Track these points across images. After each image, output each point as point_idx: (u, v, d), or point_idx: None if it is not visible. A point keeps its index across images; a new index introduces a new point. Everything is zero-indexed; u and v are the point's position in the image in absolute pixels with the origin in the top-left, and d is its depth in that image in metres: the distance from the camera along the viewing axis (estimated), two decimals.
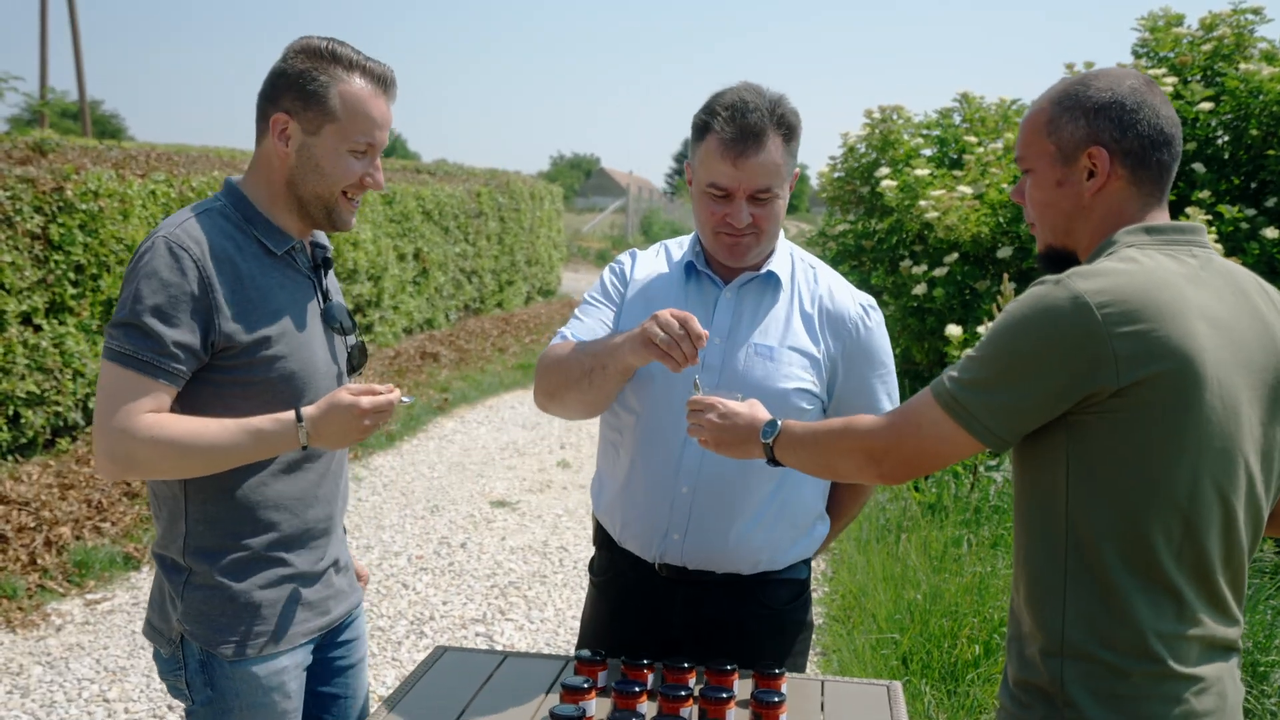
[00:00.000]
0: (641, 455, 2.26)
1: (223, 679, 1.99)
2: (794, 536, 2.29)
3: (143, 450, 1.84)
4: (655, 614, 2.31)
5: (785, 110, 2.14)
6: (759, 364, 2.20)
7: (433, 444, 8.69)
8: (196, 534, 1.98)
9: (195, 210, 1.97)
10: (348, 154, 1.97)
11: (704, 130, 2.15)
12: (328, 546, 2.15)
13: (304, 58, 1.96)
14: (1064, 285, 1.51)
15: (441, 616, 5.12)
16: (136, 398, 1.84)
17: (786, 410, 2.17)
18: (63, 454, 6.82)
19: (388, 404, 1.89)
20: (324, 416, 1.89)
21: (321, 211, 2.02)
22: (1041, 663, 1.60)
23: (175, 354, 1.86)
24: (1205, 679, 1.56)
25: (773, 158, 2.12)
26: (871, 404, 2.27)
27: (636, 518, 2.28)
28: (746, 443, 1.93)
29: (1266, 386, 1.58)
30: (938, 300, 7.02)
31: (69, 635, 4.70)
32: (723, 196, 2.15)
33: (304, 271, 2.08)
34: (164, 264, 1.87)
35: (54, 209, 6.72)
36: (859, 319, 2.28)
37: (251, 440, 1.88)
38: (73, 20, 24.72)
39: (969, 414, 1.57)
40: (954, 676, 4.07)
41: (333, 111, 1.95)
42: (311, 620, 2.11)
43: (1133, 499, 1.52)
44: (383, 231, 11.96)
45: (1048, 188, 1.68)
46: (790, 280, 2.29)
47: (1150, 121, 1.62)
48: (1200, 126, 6.71)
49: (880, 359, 2.30)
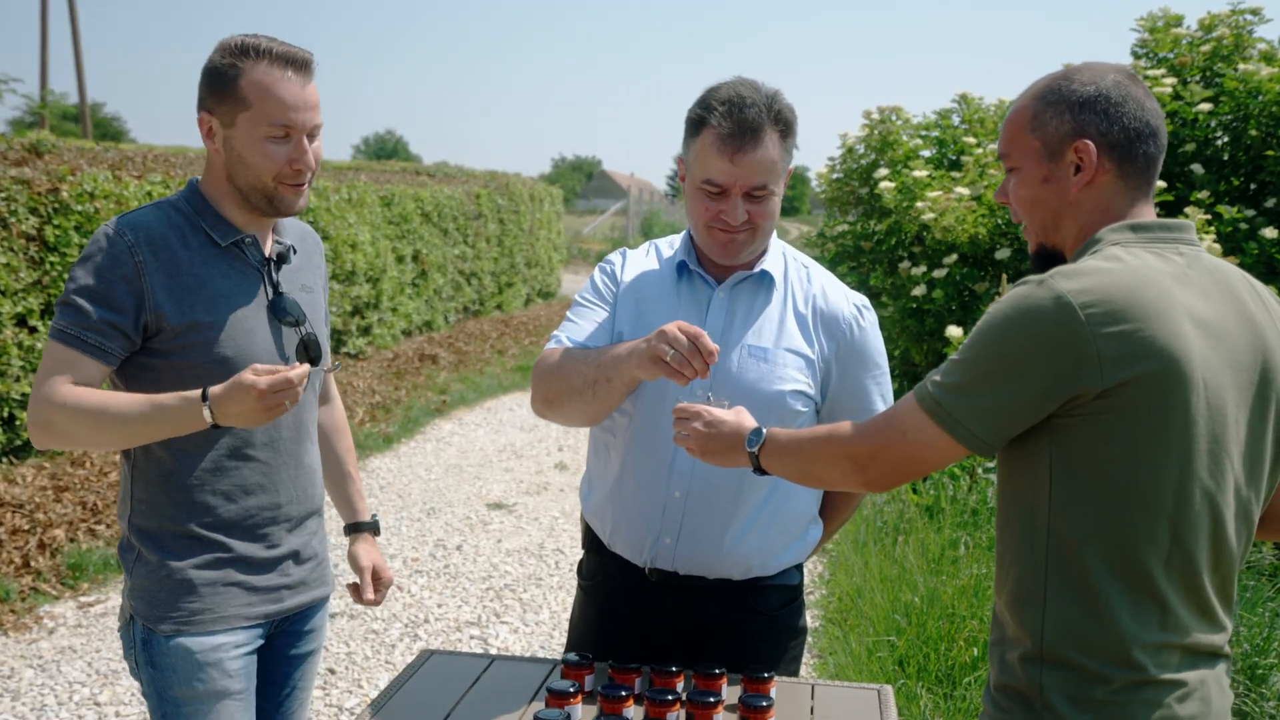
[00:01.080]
0: (633, 458, 2.23)
1: (160, 655, 2.06)
2: (786, 541, 2.26)
3: (59, 417, 1.93)
4: (644, 619, 2.28)
5: (782, 106, 2.10)
6: (753, 366, 2.17)
7: (430, 446, 8.67)
8: (140, 513, 2.08)
9: (152, 203, 2.09)
10: (266, 141, 1.99)
11: (700, 125, 2.10)
12: (280, 535, 2.17)
13: (218, 54, 2.01)
14: (1046, 285, 1.49)
15: (436, 619, 5.10)
16: (63, 370, 1.95)
17: (781, 413, 2.15)
18: (57, 456, 6.80)
19: (285, 381, 1.86)
20: (226, 395, 1.89)
21: (263, 200, 2.05)
22: (1021, 667, 1.58)
23: (102, 330, 1.96)
24: (1188, 684, 1.53)
25: (770, 154, 2.08)
26: (865, 405, 2.23)
27: (627, 521, 2.25)
28: (732, 451, 1.90)
29: (1253, 386, 1.55)
30: (937, 301, 7.00)
31: (61, 638, 4.68)
32: (718, 193, 2.11)
33: (252, 264, 2.12)
34: (100, 248, 1.98)
35: (49, 210, 6.70)
36: (853, 319, 2.25)
37: (155, 413, 1.93)
38: (73, 22, 24.75)
39: (953, 419, 1.54)
40: (951, 680, 4.04)
41: (243, 100, 1.98)
42: (258, 605, 2.14)
43: (1118, 503, 1.49)
44: (381, 233, 11.94)
45: (1034, 185, 1.65)
46: (784, 279, 2.25)
47: (1135, 114, 1.60)
48: (1199, 127, 6.68)
49: (874, 359, 2.27)
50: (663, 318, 2.17)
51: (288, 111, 1.99)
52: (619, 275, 2.31)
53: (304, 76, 2.02)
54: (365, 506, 2.48)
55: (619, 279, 2.31)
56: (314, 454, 2.26)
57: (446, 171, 17.35)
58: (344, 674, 4.48)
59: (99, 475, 6.47)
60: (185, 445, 2.04)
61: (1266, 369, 1.57)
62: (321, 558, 2.30)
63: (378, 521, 2.48)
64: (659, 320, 2.19)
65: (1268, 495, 1.63)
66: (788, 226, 31.80)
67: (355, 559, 2.44)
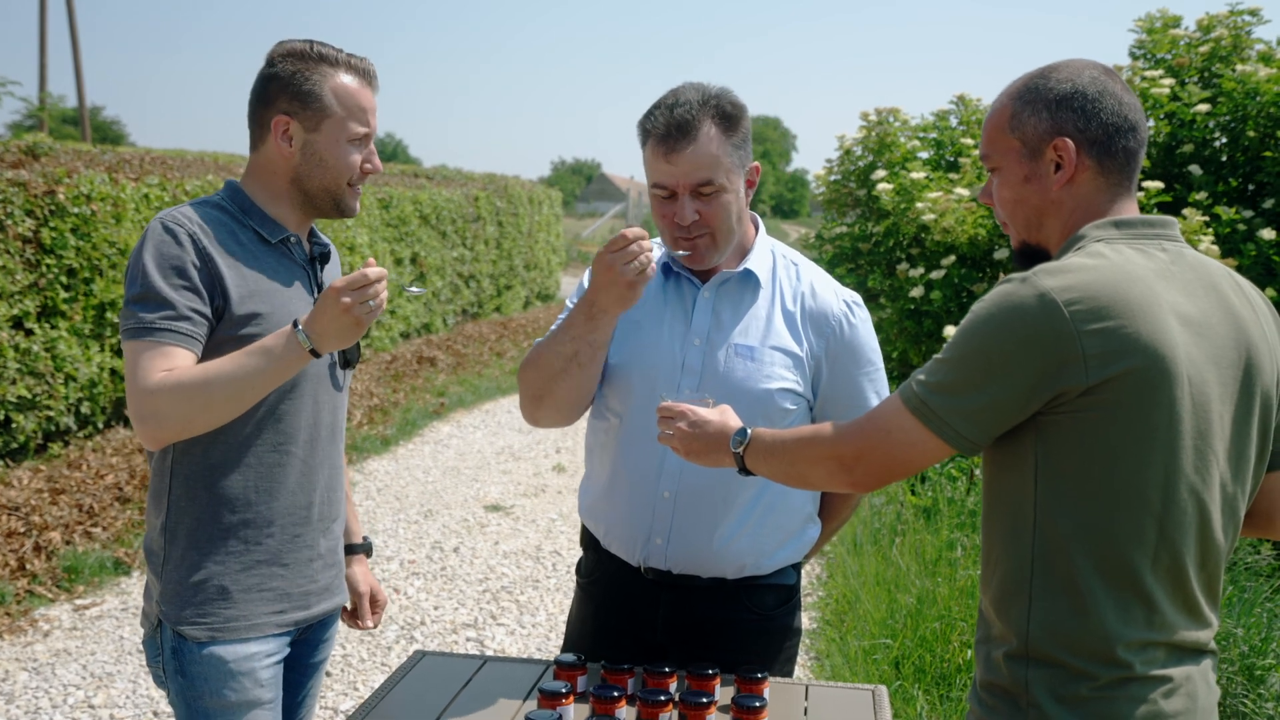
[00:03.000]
0: (623, 459, 2.24)
1: (192, 664, 2.02)
2: (781, 540, 2.25)
3: (164, 402, 1.89)
4: (639, 617, 2.28)
5: (722, 100, 2.09)
6: (740, 365, 2.16)
7: (428, 448, 8.65)
8: (176, 511, 2.04)
9: (191, 203, 2.08)
10: (348, 144, 2.07)
11: (644, 134, 2.14)
12: (313, 537, 2.16)
13: (292, 61, 2.05)
14: (1030, 283, 1.48)
15: (432, 621, 5.08)
16: (152, 360, 1.90)
17: (770, 411, 2.14)
18: (54, 459, 6.80)
19: (362, 278, 1.87)
20: (315, 315, 1.90)
21: (329, 202, 2.11)
22: (1007, 665, 1.57)
23: (188, 315, 1.94)
24: (1174, 680, 1.52)
25: (707, 148, 2.06)
26: (859, 403, 2.21)
27: (620, 521, 2.26)
28: (716, 451, 1.89)
29: (1237, 382, 1.55)
30: (935, 303, 6.98)
31: (56, 641, 4.67)
32: (668, 195, 2.11)
33: (299, 262, 2.14)
34: (163, 240, 1.96)
35: (46, 212, 6.70)
36: (843, 316, 2.23)
37: (261, 358, 1.91)
38: (71, 25, 24.76)
39: (939, 418, 1.53)
40: (946, 681, 4.03)
41: (329, 107, 2.04)
42: (289, 613, 2.12)
43: (1104, 501, 1.48)
44: (380, 236, 11.94)
45: (1015, 184, 1.65)
46: (771, 278, 2.25)
47: (1113, 109, 1.59)
48: (1197, 128, 6.67)
49: (867, 356, 2.25)
50: (649, 319, 2.20)
51: (368, 117, 2.09)
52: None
53: (374, 85, 2.12)
54: (360, 527, 2.47)
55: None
56: (341, 458, 2.26)
57: (445, 174, 17.35)
58: (340, 676, 4.47)
59: (95, 478, 6.46)
60: (228, 439, 2.02)
61: (1250, 364, 1.56)
62: (341, 565, 2.29)
63: (371, 544, 2.48)
64: (646, 323, 2.22)
65: (1252, 491, 1.62)
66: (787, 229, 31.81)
67: (353, 582, 2.41)
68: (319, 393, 2.13)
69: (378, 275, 1.88)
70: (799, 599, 2.36)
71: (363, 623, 2.44)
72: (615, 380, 2.23)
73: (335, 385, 2.18)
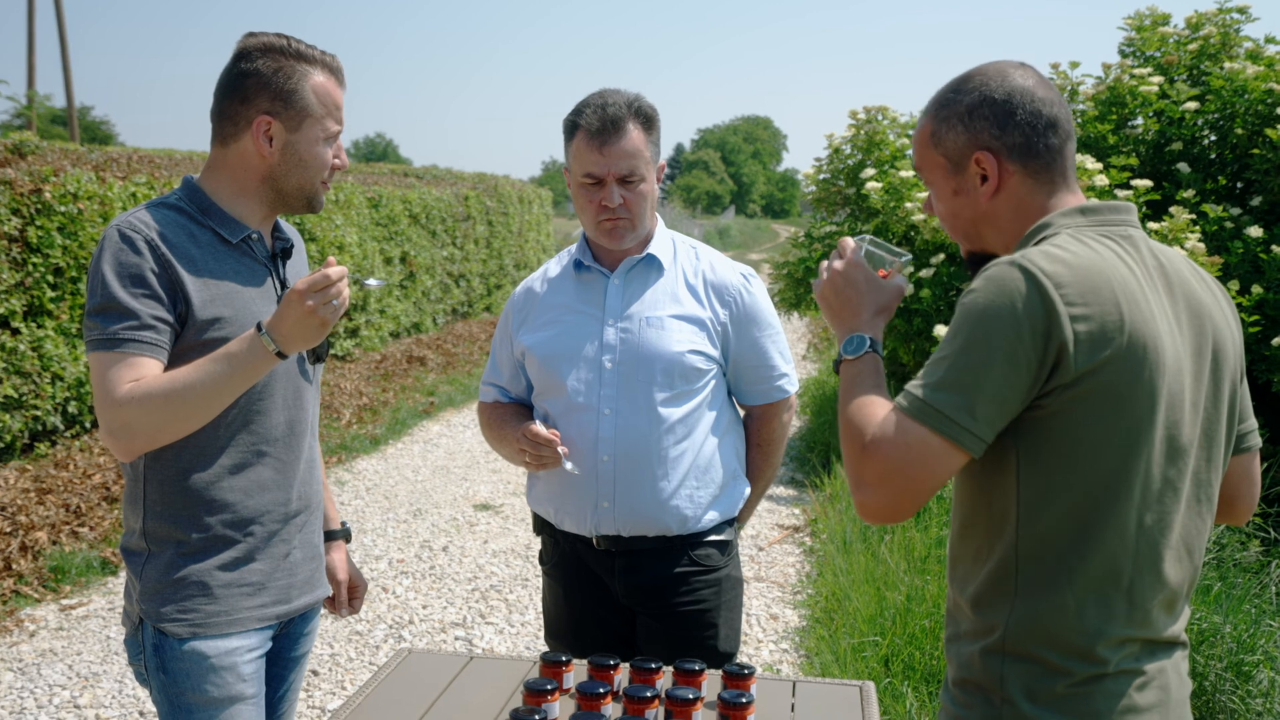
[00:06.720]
0: (564, 436, 2.43)
1: (173, 660, 2.01)
2: (712, 494, 2.47)
3: (132, 413, 1.87)
4: (599, 583, 2.51)
5: (642, 104, 2.41)
6: (651, 334, 2.42)
7: (417, 448, 8.63)
8: (153, 516, 2.03)
9: (147, 205, 2.04)
10: (323, 142, 2.07)
11: (573, 129, 2.39)
12: (290, 532, 2.15)
13: (271, 57, 2.02)
14: (1019, 265, 1.46)
15: (421, 620, 5.07)
16: (119, 372, 1.89)
17: (684, 370, 2.40)
18: (41, 458, 6.76)
19: (323, 279, 1.86)
20: (278, 318, 1.90)
21: (302, 200, 2.10)
22: (981, 661, 1.55)
23: (151, 324, 1.91)
24: (1147, 674, 1.52)
25: (634, 144, 2.36)
26: (764, 361, 2.51)
27: (569, 495, 2.45)
28: (840, 314, 1.72)
29: (1206, 371, 1.55)
30: (925, 301, 6.98)
31: (42, 641, 4.64)
32: (595, 184, 2.38)
33: (261, 260, 2.11)
34: (120, 248, 1.93)
35: (32, 211, 6.66)
36: (741, 287, 2.51)
37: (228, 364, 1.90)
38: (60, 25, 24.66)
39: (945, 417, 1.44)
40: (935, 678, 4.03)
41: (310, 107, 2.03)
42: (270, 607, 2.11)
43: (1087, 494, 1.47)
44: (369, 235, 11.91)
45: (946, 199, 1.65)
46: (673, 260, 2.52)
47: (1026, 109, 1.57)
48: (1185, 126, 6.68)
49: (766, 319, 2.53)
50: (567, 313, 2.48)
51: (341, 114, 2.09)
52: (517, 303, 2.60)
53: (344, 82, 2.12)
54: (337, 513, 2.46)
55: (517, 306, 2.60)
56: (316, 449, 2.26)
57: (436, 174, 17.32)
58: (327, 675, 4.45)
59: (82, 478, 6.43)
60: (201, 444, 2.00)
61: (1217, 353, 1.57)
62: (321, 557, 2.28)
63: (349, 529, 2.47)
64: (564, 316, 2.48)
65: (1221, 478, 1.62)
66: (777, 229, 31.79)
67: (332, 569, 2.40)
68: (290, 390, 2.12)
69: (339, 275, 1.88)
70: (738, 552, 2.61)
71: (342, 609, 2.42)
72: (545, 373, 2.47)
73: (305, 379, 2.17)
